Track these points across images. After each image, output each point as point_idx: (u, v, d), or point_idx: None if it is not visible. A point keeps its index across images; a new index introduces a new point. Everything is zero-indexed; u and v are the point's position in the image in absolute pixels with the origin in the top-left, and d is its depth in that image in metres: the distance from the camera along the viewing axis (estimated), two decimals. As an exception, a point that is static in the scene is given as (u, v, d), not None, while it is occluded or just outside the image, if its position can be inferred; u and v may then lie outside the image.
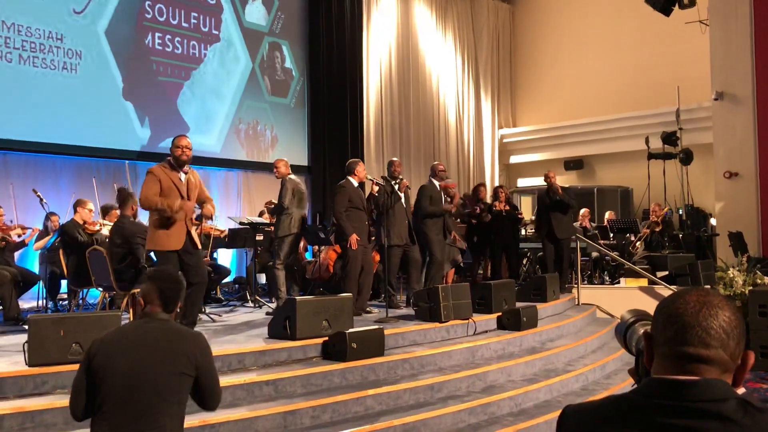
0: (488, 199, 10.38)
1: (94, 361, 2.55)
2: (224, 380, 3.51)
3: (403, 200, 7.41)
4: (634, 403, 1.26)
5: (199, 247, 5.55)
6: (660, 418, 1.21)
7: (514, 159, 16.52)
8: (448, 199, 8.35)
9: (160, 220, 5.22)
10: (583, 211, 11.38)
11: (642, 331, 1.53)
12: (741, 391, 1.25)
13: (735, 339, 1.25)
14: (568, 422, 1.34)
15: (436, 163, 8.60)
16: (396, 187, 7.28)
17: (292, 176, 7.52)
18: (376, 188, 7.23)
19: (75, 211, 7.34)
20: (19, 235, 7.47)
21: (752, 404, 1.20)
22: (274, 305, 7.17)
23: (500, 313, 6.81)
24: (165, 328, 2.66)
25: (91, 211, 7.47)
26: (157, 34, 10.22)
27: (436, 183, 8.05)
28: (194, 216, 5.68)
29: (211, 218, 5.70)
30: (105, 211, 7.79)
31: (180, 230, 5.30)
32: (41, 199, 7.49)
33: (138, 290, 6.32)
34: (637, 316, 1.66)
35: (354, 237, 6.88)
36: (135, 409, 2.48)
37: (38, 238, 7.97)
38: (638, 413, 1.24)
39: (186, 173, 5.45)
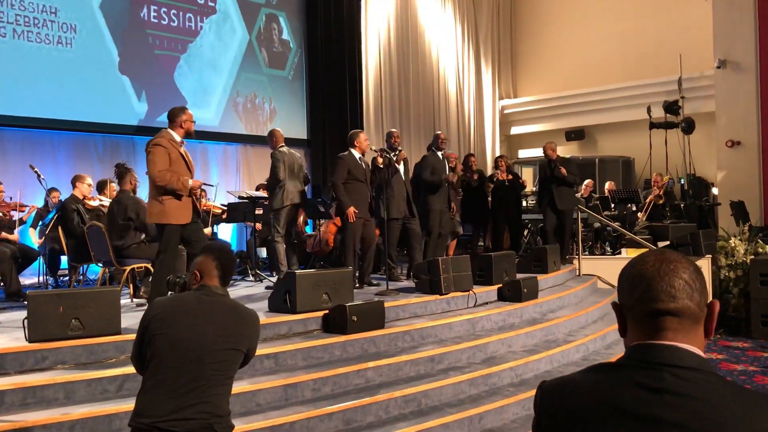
0: (489, 170, 10.34)
1: (151, 324, 2.61)
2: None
3: (402, 172, 7.35)
4: (609, 367, 1.31)
5: (199, 217, 5.59)
6: (635, 376, 1.25)
7: (515, 130, 16.42)
8: (452, 166, 8.29)
9: (168, 194, 5.19)
10: (587, 182, 11.33)
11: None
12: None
13: (698, 290, 1.30)
14: (548, 397, 1.36)
15: (438, 132, 8.49)
16: (393, 159, 7.19)
17: (283, 148, 7.43)
18: (380, 159, 7.10)
19: (74, 187, 7.31)
20: (19, 212, 7.46)
21: (720, 377, 1.24)
22: (274, 279, 7.16)
23: (501, 285, 6.80)
24: (228, 304, 2.74)
25: (90, 186, 7.45)
26: (152, 7, 10.08)
27: (439, 154, 7.99)
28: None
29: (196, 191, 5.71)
30: (101, 187, 7.75)
31: (187, 204, 5.32)
32: (39, 175, 7.45)
33: (138, 266, 6.34)
34: None
35: (351, 210, 6.84)
36: (193, 380, 2.52)
37: (38, 215, 7.96)
38: (615, 379, 1.27)
39: (183, 144, 5.45)
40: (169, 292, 4.88)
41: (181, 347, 2.54)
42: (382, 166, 7.04)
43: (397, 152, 7.25)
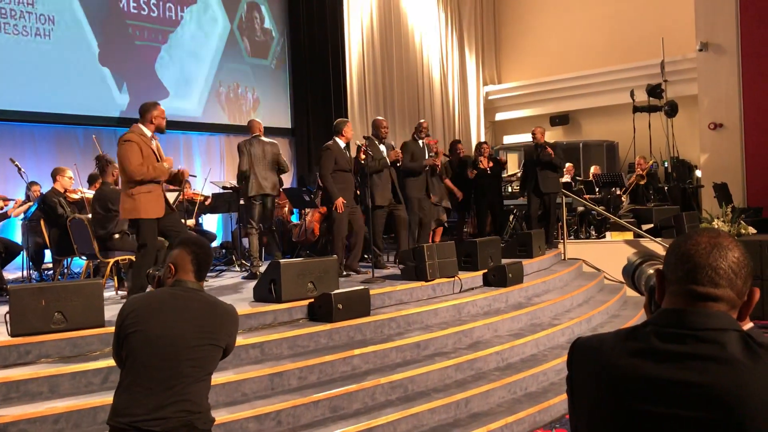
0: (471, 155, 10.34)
1: (125, 321, 2.58)
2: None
3: (388, 161, 7.40)
4: (638, 330, 1.32)
5: (174, 209, 5.55)
6: (657, 343, 1.26)
7: (499, 116, 16.43)
8: (432, 154, 8.29)
9: (140, 189, 5.16)
10: (567, 165, 11.38)
11: (652, 270, 1.59)
12: (749, 326, 1.32)
13: (742, 278, 1.30)
14: (577, 352, 1.41)
15: (421, 121, 8.54)
16: (378, 158, 7.21)
17: (259, 138, 7.25)
18: (363, 156, 7.05)
19: (54, 180, 7.24)
20: (1, 207, 7.39)
21: (755, 339, 1.24)
22: (261, 269, 7.12)
23: (486, 270, 6.83)
24: (204, 299, 2.68)
25: (71, 178, 7.38)
26: (131, -3, 9.97)
27: (420, 142, 8.01)
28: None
29: (186, 179, 5.70)
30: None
31: (160, 196, 5.28)
32: (19, 169, 7.37)
33: (122, 258, 6.30)
34: (644, 257, 1.73)
35: (340, 200, 6.85)
36: (170, 377, 2.49)
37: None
38: (638, 339, 1.30)
39: (155, 139, 5.41)
40: (148, 286, 4.89)
41: (157, 344, 2.50)
42: (363, 161, 6.99)
43: (387, 145, 7.33)
